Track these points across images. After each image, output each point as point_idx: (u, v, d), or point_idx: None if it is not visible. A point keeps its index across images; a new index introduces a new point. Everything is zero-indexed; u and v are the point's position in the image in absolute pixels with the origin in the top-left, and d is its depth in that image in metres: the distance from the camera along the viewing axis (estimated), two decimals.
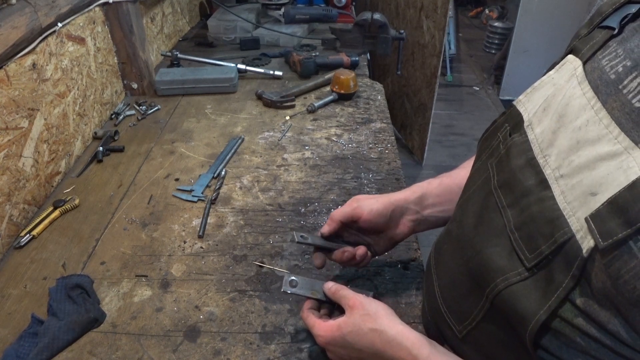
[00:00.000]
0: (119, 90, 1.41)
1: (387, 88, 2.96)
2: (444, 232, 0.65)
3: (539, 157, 0.47)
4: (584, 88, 0.44)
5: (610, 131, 0.39)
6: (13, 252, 0.89)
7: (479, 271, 0.50)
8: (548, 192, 0.43)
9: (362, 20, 1.64)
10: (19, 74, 0.94)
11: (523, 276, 0.44)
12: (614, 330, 0.37)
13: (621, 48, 0.42)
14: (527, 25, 3.34)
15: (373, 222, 0.71)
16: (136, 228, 0.94)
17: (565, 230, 0.40)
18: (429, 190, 0.73)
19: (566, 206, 0.41)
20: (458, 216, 0.60)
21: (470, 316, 0.53)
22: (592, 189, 0.39)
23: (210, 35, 1.88)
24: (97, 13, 1.26)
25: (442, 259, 0.63)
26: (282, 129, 1.27)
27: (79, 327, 0.72)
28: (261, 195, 1.03)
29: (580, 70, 0.46)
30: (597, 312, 0.38)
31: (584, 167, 0.40)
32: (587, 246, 0.38)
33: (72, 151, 1.15)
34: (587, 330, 0.39)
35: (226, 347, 0.71)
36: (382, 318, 0.58)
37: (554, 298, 0.41)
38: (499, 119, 0.57)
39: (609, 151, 0.39)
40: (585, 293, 0.39)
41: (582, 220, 0.39)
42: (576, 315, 0.40)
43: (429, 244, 0.73)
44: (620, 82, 0.40)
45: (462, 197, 0.62)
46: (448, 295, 0.59)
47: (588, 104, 0.43)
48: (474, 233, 0.54)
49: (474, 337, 0.54)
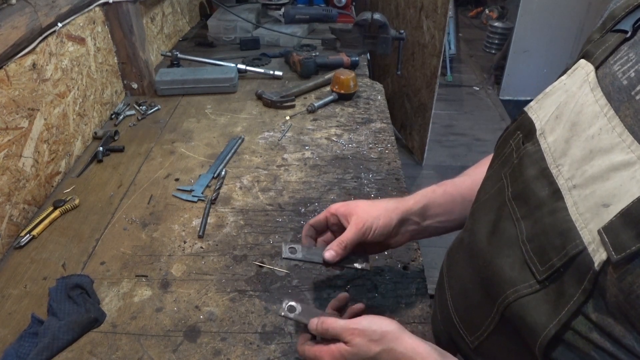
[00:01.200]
0: (119, 90, 1.41)
1: (387, 88, 2.96)
2: (457, 241, 0.64)
3: (552, 167, 0.46)
4: (596, 95, 0.43)
5: (623, 140, 0.38)
6: (13, 252, 0.89)
7: (490, 282, 0.50)
8: (561, 203, 0.42)
9: (362, 20, 1.64)
10: (19, 74, 0.94)
11: (534, 288, 0.43)
12: (630, 344, 0.36)
13: (633, 52, 0.42)
14: (527, 25, 3.34)
15: (377, 239, 0.69)
16: (136, 228, 0.94)
17: (577, 243, 0.39)
18: (433, 200, 0.71)
19: (578, 217, 0.40)
20: (470, 225, 0.59)
21: (481, 327, 0.52)
22: (605, 200, 0.38)
23: (210, 35, 1.88)
24: (97, 13, 1.26)
25: (454, 267, 0.62)
26: (282, 129, 1.27)
27: (79, 327, 0.72)
28: (261, 195, 1.03)
29: (592, 76, 0.45)
30: (612, 327, 0.37)
31: (597, 178, 0.39)
32: (599, 259, 0.37)
33: (72, 151, 1.15)
34: (602, 344, 0.38)
35: (226, 347, 0.71)
36: (387, 336, 0.54)
37: (564, 312, 0.40)
38: (511, 126, 0.56)
39: (622, 160, 0.38)
40: (599, 307, 0.38)
41: (594, 232, 0.38)
42: (591, 329, 0.39)
43: (429, 244, 0.73)
44: (632, 88, 0.39)
45: (474, 205, 0.61)
46: (460, 305, 0.58)
47: (601, 112, 0.42)
48: (486, 243, 0.53)
49: (486, 348, 0.53)
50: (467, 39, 4.75)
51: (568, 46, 3.34)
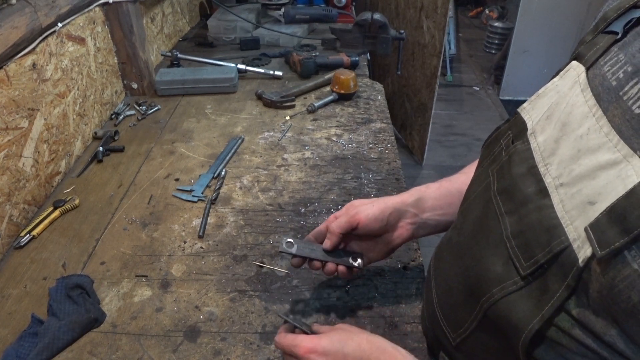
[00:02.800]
0: (119, 90, 1.41)
1: (387, 88, 2.97)
2: (445, 239, 0.65)
3: (540, 165, 0.46)
4: (586, 96, 0.44)
5: (610, 139, 0.39)
6: (13, 252, 0.89)
7: (476, 280, 0.50)
8: (547, 201, 0.43)
9: (362, 20, 1.64)
10: (19, 74, 0.94)
11: (518, 285, 0.44)
12: (611, 341, 0.37)
13: (622, 53, 0.42)
14: (527, 25, 3.34)
15: (370, 227, 0.69)
16: (136, 228, 0.94)
17: (562, 239, 0.40)
18: (427, 194, 0.72)
19: (564, 215, 0.41)
20: (459, 223, 0.60)
21: (464, 325, 0.53)
22: (591, 198, 0.38)
23: (210, 35, 1.88)
24: (97, 13, 1.26)
25: (441, 265, 0.62)
26: (282, 129, 1.27)
27: (79, 327, 0.72)
28: (261, 195, 1.03)
29: (583, 77, 0.46)
30: (594, 323, 0.38)
31: (584, 176, 0.40)
32: (584, 256, 0.38)
33: (72, 151, 1.15)
34: (584, 341, 0.39)
35: (226, 347, 0.71)
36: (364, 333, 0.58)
37: (547, 307, 0.40)
38: (503, 126, 0.57)
39: (608, 160, 0.38)
40: (581, 303, 0.39)
41: (579, 229, 0.39)
42: (573, 326, 0.40)
43: (429, 244, 0.73)
44: (621, 88, 0.40)
45: (463, 204, 0.61)
46: (444, 302, 0.59)
47: (590, 112, 0.42)
48: (473, 242, 0.53)
49: (468, 345, 0.54)
50: (467, 39, 4.75)
51: (568, 46, 3.33)
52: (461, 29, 4.83)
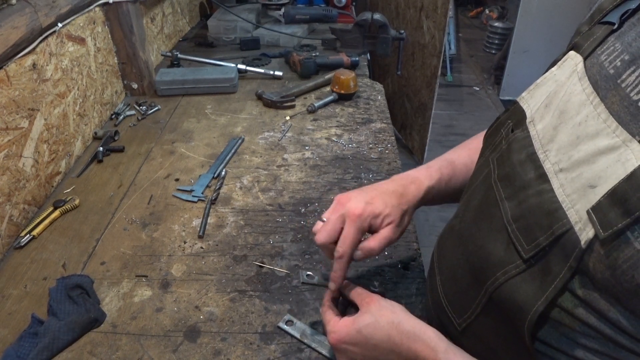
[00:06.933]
0: (119, 91, 1.41)
1: (387, 88, 2.97)
2: (447, 227, 0.66)
3: (539, 152, 0.47)
4: (583, 84, 0.45)
5: (608, 125, 0.40)
6: (13, 252, 0.89)
7: (479, 265, 0.51)
8: (547, 186, 0.44)
9: (362, 21, 1.64)
10: (19, 74, 0.94)
11: (521, 268, 0.45)
12: (614, 318, 0.38)
13: (619, 42, 0.43)
14: (527, 25, 3.34)
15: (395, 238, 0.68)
16: (136, 228, 0.94)
17: (564, 222, 0.40)
18: (436, 185, 0.71)
19: (565, 199, 0.41)
20: (461, 212, 0.60)
21: (469, 310, 0.53)
22: (592, 182, 0.39)
23: (210, 36, 1.88)
24: (97, 13, 1.26)
25: (444, 253, 0.63)
26: (282, 129, 1.27)
27: (79, 327, 0.72)
28: (261, 195, 1.03)
29: (580, 67, 0.47)
30: (598, 301, 0.39)
31: (584, 162, 0.41)
32: (586, 237, 0.38)
33: (72, 151, 1.15)
34: (586, 319, 0.40)
35: (226, 347, 0.71)
36: (399, 312, 0.57)
37: (551, 288, 0.41)
38: (503, 116, 0.58)
39: (607, 145, 0.39)
40: (584, 283, 0.40)
41: (581, 212, 0.39)
42: (576, 305, 0.40)
43: (429, 244, 0.73)
44: (619, 76, 0.41)
45: (465, 192, 0.62)
46: (449, 289, 0.60)
47: (587, 100, 0.43)
48: (475, 228, 0.54)
49: (473, 330, 0.54)
50: (467, 39, 4.75)
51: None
52: (461, 29, 4.83)
